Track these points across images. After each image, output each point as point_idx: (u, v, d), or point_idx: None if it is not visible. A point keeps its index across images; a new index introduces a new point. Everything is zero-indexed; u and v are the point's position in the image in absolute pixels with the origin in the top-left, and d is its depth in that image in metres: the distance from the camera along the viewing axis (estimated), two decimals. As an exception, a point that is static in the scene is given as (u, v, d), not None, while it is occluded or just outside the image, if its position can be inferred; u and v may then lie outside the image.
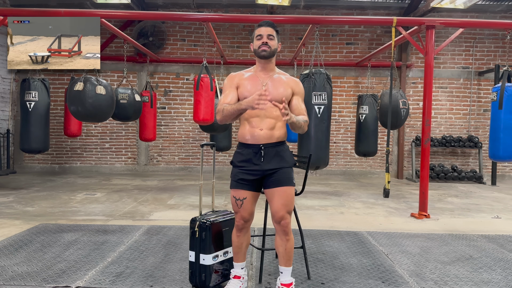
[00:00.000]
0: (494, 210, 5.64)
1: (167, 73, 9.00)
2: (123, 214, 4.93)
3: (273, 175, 2.44)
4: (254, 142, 2.44)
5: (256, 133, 2.43)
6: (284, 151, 2.49)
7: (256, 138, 2.44)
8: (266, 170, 2.44)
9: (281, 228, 2.44)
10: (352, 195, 6.60)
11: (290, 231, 2.46)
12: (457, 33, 5.70)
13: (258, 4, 7.92)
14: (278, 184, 2.42)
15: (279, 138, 2.47)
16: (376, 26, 8.95)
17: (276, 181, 2.43)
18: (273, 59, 2.53)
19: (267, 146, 2.44)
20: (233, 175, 2.54)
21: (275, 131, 2.45)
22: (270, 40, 2.45)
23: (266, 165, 2.43)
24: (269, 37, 2.45)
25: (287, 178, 2.44)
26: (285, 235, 2.45)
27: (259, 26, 2.49)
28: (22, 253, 3.36)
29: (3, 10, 6.01)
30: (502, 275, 3.10)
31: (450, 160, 9.13)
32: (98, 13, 5.49)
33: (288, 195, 2.43)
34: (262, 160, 2.43)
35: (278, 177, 2.43)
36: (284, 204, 2.42)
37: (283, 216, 2.41)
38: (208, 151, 8.95)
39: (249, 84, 2.48)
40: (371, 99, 7.03)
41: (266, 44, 2.43)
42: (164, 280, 2.84)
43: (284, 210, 2.41)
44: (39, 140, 6.28)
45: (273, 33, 2.47)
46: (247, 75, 2.55)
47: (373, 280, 2.94)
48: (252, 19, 7.17)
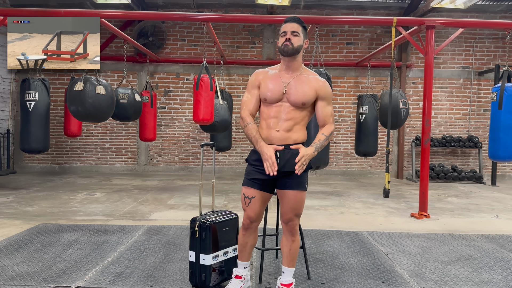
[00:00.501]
0: (494, 210, 5.64)
1: (167, 73, 9.00)
2: (123, 214, 4.93)
3: (286, 177, 2.39)
4: (270, 142, 2.39)
5: (272, 134, 2.40)
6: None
7: (273, 139, 2.39)
8: (280, 172, 2.37)
9: (288, 228, 2.44)
10: (352, 195, 6.60)
11: (297, 232, 2.46)
12: (457, 33, 5.70)
13: (258, 4, 7.93)
14: (289, 187, 2.39)
15: (296, 140, 2.40)
16: (376, 26, 8.94)
17: (288, 183, 2.38)
18: (298, 57, 2.41)
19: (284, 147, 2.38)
20: (246, 172, 2.50)
21: (292, 133, 2.39)
22: (295, 36, 2.35)
23: (282, 166, 2.36)
24: (293, 34, 2.35)
25: (299, 182, 2.39)
26: (291, 235, 2.45)
27: (285, 22, 2.39)
28: (22, 253, 3.36)
29: (3, 10, 6.01)
30: (502, 275, 3.10)
31: (450, 160, 9.13)
32: (98, 13, 5.49)
33: (298, 199, 2.40)
34: (278, 161, 2.36)
35: (290, 180, 2.38)
36: (293, 208, 2.40)
37: (291, 218, 2.42)
38: (208, 151, 8.95)
39: (271, 83, 2.42)
40: (371, 99, 7.02)
41: (289, 40, 2.34)
42: (164, 280, 2.84)
43: (292, 213, 2.41)
44: (39, 140, 6.28)
45: (298, 30, 2.36)
46: (271, 72, 2.48)
47: (373, 280, 2.95)
48: (252, 19, 7.19)
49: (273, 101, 2.42)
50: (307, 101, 2.38)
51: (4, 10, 6.15)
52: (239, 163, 9.10)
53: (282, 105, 2.40)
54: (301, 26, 2.38)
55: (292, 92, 2.37)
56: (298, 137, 2.41)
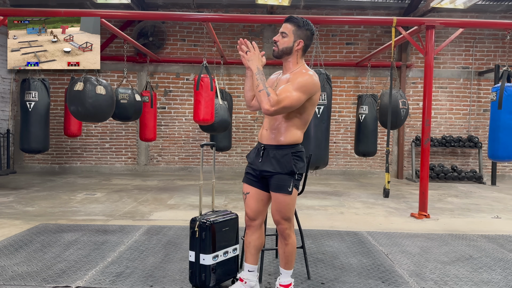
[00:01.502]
0: (494, 210, 5.64)
1: (167, 73, 9.00)
2: (123, 214, 4.93)
3: (270, 178, 2.37)
4: (260, 140, 2.44)
5: (263, 132, 2.43)
6: (283, 156, 2.31)
7: (262, 137, 2.43)
8: (262, 171, 2.38)
9: (279, 232, 2.43)
10: (352, 195, 6.61)
11: (288, 236, 2.41)
12: (457, 33, 5.70)
13: (258, 4, 7.93)
14: (272, 189, 2.37)
15: (279, 141, 2.33)
16: (376, 26, 8.94)
17: (271, 185, 2.37)
18: (291, 58, 2.36)
19: (268, 147, 2.38)
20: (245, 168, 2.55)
21: (278, 134, 2.34)
22: (282, 37, 2.32)
23: (262, 165, 2.38)
24: (282, 35, 2.33)
25: (280, 185, 2.32)
26: (283, 239, 2.43)
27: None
28: (22, 253, 3.36)
29: (3, 10, 6.01)
30: (502, 275, 3.10)
31: (450, 160, 9.13)
32: (98, 13, 5.49)
33: (281, 202, 2.34)
34: (260, 160, 2.39)
35: (273, 182, 2.35)
36: (278, 210, 2.37)
37: (278, 221, 2.39)
38: (208, 151, 8.95)
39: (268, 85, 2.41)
40: (371, 99, 7.03)
41: (276, 42, 2.35)
42: (164, 280, 2.84)
43: (277, 215, 2.38)
44: (39, 140, 6.28)
45: (288, 30, 2.31)
46: (274, 76, 2.52)
47: (373, 280, 2.95)
48: (252, 19, 7.18)
49: None
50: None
51: (4, 10, 6.15)
52: (239, 163, 9.10)
53: None
54: (294, 26, 2.32)
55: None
56: (284, 139, 2.33)
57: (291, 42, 2.32)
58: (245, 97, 2.56)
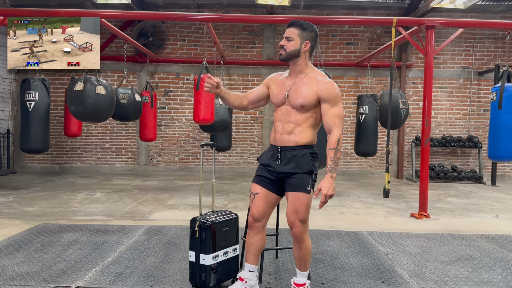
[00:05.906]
0: (494, 210, 5.64)
1: (167, 73, 9.00)
2: (123, 214, 4.93)
3: (289, 179, 2.39)
4: (275, 144, 2.47)
5: (277, 136, 2.46)
6: (302, 156, 2.38)
7: (276, 140, 2.46)
8: (280, 173, 2.41)
9: (293, 235, 2.41)
10: (352, 195, 6.61)
11: (302, 240, 2.40)
12: (457, 33, 5.70)
13: (258, 4, 7.93)
14: (291, 189, 2.38)
15: (297, 142, 2.38)
16: (376, 26, 8.94)
17: (290, 185, 2.39)
18: (300, 60, 2.41)
19: (284, 149, 2.41)
20: (256, 170, 2.56)
21: (293, 136, 2.39)
22: (288, 41, 2.38)
23: (280, 167, 2.40)
24: (287, 39, 2.38)
25: (299, 184, 2.35)
26: (297, 243, 2.42)
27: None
28: (22, 253, 3.36)
29: (3, 10, 6.01)
30: (502, 275, 3.11)
31: (450, 160, 9.13)
32: (98, 13, 5.49)
33: (300, 201, 2.35)
34: (278, 163, 2.41)
35: (292, 182, 2.38)
36: (294, 210, 2.35)
37: (293, 222, 2.36)
38: (208, 151, 8.95)
39: (276, 87, 2.50)
40: (371, 99, 7.02)
41: (282, 47, 2.40)
42: (164, 280, 2.85)
43: (293, 216, 2.36)
44: (39, 140, 6.28)
45: (293, 34, 2.37)
46: (280, 78, 2.54)
47: (373, 280, 2.95)
48: (252, 19, 7.18)
49: (278, 105, 2.49)
50: (306, 103, 2.36)
51: (4, 10, 6.15)
52: (239, 163, 9.10)
53: (285, 108, 2.44)
54: (298, 29, 2.38)
55: (292, 95, 2.40)
56: (299, 140, 2.39)
57: (298, 44, 2.38)
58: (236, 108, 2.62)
